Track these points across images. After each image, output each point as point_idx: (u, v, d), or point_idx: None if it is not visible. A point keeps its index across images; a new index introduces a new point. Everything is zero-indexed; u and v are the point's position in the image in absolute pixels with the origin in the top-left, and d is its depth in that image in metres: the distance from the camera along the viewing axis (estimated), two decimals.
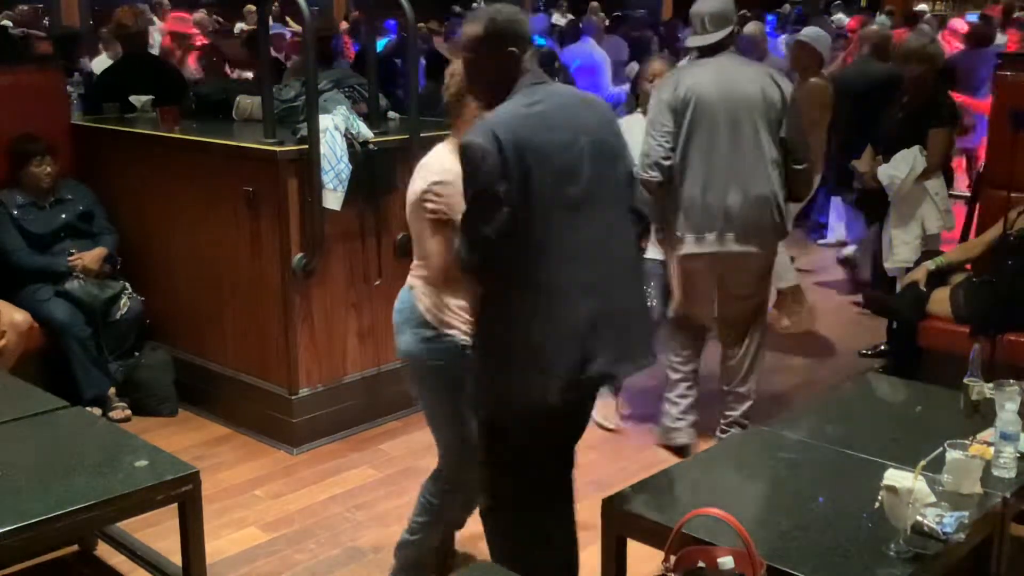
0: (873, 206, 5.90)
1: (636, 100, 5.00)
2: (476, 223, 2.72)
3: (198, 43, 9.59)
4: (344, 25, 12.07)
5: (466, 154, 2.68)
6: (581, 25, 10.53)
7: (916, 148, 5.32)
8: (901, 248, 5.40)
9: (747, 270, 4.42)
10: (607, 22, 12.32)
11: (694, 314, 4.53)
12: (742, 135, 4.20)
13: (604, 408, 4.77)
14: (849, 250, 7.38)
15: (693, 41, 4.43)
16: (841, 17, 13.42)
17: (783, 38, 10.99)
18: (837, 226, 7.94)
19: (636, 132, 4.27)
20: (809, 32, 6.37)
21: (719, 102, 4.19)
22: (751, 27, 7.42)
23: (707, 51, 4.36)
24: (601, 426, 4.75)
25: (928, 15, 13.67)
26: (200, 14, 11.53)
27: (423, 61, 7.56)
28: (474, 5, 11.11)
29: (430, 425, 3.24)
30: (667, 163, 4.21)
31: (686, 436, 4.56)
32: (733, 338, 4.57)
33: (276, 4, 10.73)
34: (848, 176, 6.23)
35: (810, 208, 7.94)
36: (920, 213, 5.37)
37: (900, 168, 5.32)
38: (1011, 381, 3.07)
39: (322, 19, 6.93)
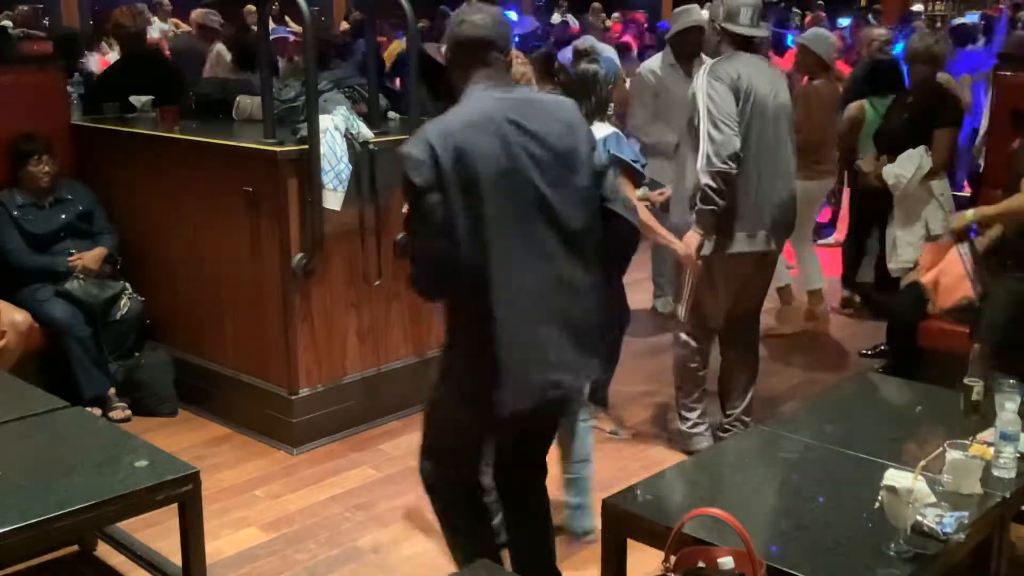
0: (870, 207, 5.92)
1: None
2: (416, 237, 2.69)
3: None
4: (344, 26, 12.08)
5: (403, 166, 2.63)
6: (580, 25, 10.54)
7: (922, 148, 5.31)
8: (905, 249, 5.39)
9: (771, 268, 4.50)
10: (607, 22, 12.33)
11: (714, 315, 4.43)
12: (780, 133, 4.25)
13: (608, 419, 4.78)
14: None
15: (748, 31, 4.25)
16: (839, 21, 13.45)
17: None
18: (840, 227, 7.98)
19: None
20: (809, 35, 6.37)
21: (768, 98, 4.19)
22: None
23: (748, 45, 4.30)
24: (614, 433, 4.76)
25: (923, 15, 13.66)
26: (202, 11, 11.51)
27: None
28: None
29: None
30: (740, 155, 4.11)
31: (706, 440, 4.53)
32: (735, 337, 4.57)
33: (276, 4, 10.79)
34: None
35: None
36: (924, 214, 5.37)
37: (906, 168, 5.32)
38: (1011, 380, 3.07)
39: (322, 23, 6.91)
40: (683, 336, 4.48)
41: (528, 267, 2.67)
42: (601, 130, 3.91)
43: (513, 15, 10.03)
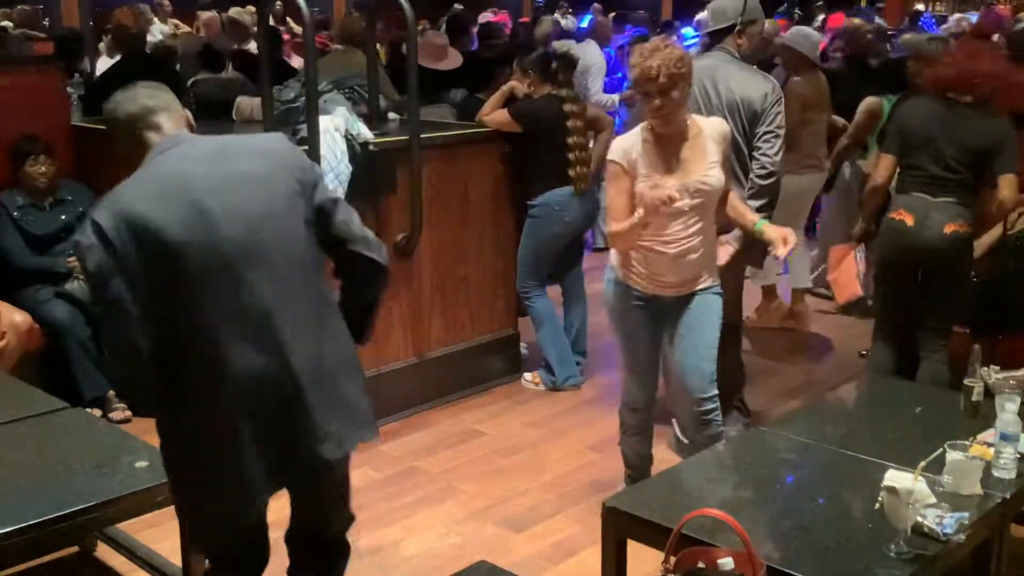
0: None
1: None
2: (109, 335, 2.41)
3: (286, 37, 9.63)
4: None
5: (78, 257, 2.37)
6: (584, 27, 10.52)
7: None
8: None
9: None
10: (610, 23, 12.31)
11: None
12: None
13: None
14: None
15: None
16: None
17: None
18: None
19: None
20: (791, 34, 6.39)
21: (702, 102, 4.20)
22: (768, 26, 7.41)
23: (705, 46, 4.41)
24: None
25: (927, 14, 13.67)
26: (210, 14, 11.52)
27: None
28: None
29: None
30: None
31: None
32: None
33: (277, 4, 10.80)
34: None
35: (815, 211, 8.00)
36: None
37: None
38: (1011, 381, 3.08)
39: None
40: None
41: (240, 333, 2.37)
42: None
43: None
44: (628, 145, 3.51)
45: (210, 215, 2.35)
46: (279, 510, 2.72)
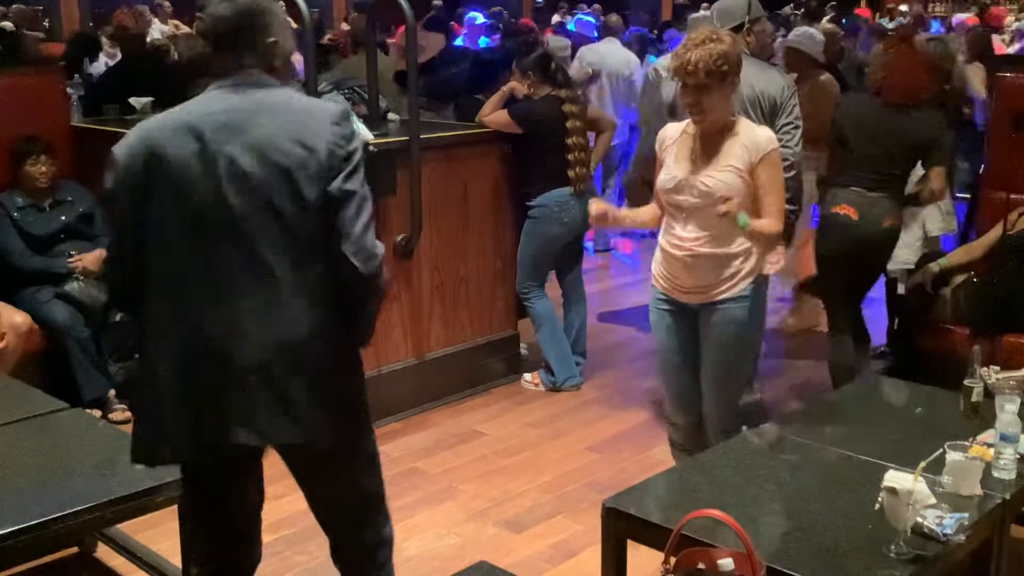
0: None
1: None
2: (111, 243, 2.57)
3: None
4: (345, 27, 12.07)
5: None
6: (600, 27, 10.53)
7: None
8: (902, 250, 5.38)
9: None
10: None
11: None
12: None
13: None
14: None
15: None
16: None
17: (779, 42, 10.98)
18: None
19: None
20: (794, 36, 6.38)
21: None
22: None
23: None
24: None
25: (906, 11, 13.67)
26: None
27: None
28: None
29: None
30: None
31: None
32: None
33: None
34: None
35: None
36: (922, 215, 5.36)
37: None
38: (1011, 381, 3.07)
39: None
40: None
41: (198, 292, 2.36)
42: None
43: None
44: (670, 134, 3.52)
45: (215, 170, 2.33)
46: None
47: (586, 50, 8.72)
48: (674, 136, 3.50)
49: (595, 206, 3.47)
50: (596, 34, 10.45)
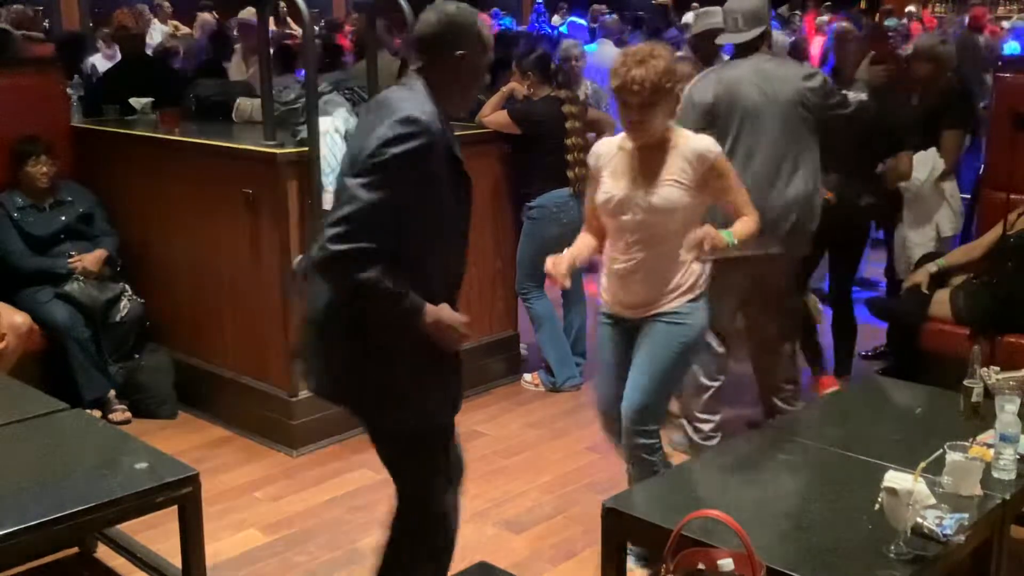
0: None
1: None
2: None
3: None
4: (348, 28, 12.07)
5: None
6: (596, 26, 10.54)
7: (933, 150, 5.30)
8: (915, 250, 5.38)
9: (781, 270, 4.40)
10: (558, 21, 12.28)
11: (725, 320, 4.35)
12: (778, 135, 4.20)
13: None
14: None
15: (725, 39, 4.41)
16: (823, 20, 13.44)
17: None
18: None
19: None
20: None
21: (760, 101, 4.19)
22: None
23: (741, 50, 4.34)
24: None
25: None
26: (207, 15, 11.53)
27: None
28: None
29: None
30: None
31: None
32: (755, 339, 4.59)
33: (279, 4, 10.77)
34: None
35: None
36: (935, 215, 5.36)
37: (919, 170, 5.31)
38: (1011, 382, 3.07)
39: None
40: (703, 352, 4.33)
41: None
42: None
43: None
44: (604, 150, 3.42)
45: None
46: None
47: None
48: (610, 152, 3.39)
49: (552, 266, 3.30)
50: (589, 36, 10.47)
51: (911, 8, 14.81)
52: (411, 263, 2.61)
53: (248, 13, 8.64)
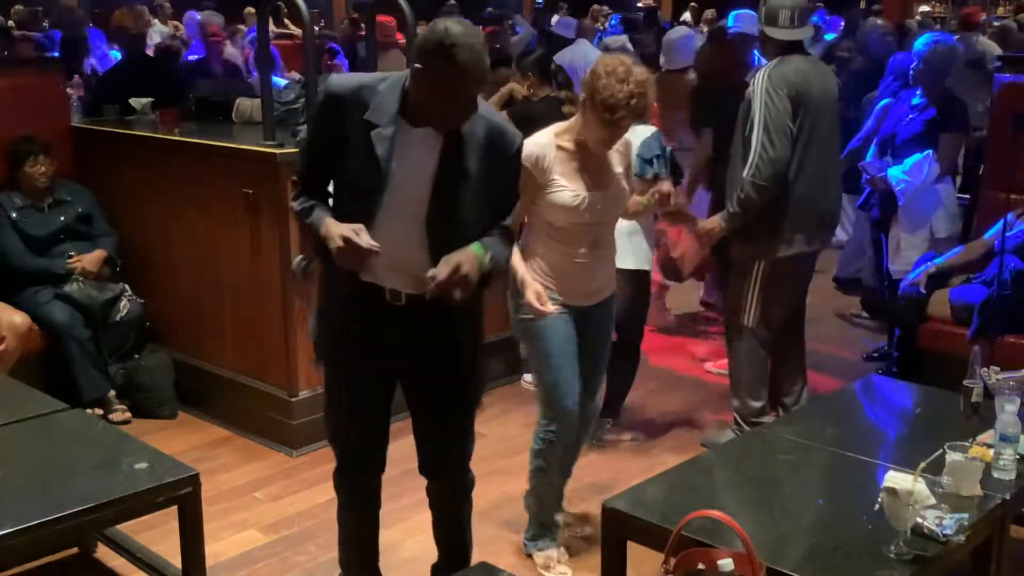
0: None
1: None
2: None
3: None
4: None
5: None
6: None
7: (930, 152, 5.30)
8: (910, 251, 5.38)
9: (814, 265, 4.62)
10: (597, 24, 12.31)
11: (780, 316, 4.47)
12: (833, 132, 4.38)
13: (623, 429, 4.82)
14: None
15: (788, 35, 4.30)
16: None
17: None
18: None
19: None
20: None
21: (822, 99, 4.27)
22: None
23: (795, 47, 4.34)
24: (634, 439, 4.79)
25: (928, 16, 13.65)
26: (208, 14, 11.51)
27: None
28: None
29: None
30: (787, 172, 4.20)
31: None
32: (786, 334, 4.63)
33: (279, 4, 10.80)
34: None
35: None
36: (930, 218, 5.36)
37: (914, 173, 5.31)
38: (1011, 382, 3.07)
39: None
40: (751, 340, 4.46)
41: None
42: (645, 130, 4.25)
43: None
44: (543, 151, 3.41)
45: None
46: None
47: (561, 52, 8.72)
48: (550, 153, 3.42)
49: (539, 301, 3.35)
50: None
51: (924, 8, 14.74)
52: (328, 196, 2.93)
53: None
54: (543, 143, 3.44)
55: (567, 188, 3.38)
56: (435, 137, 2.76)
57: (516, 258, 3.39)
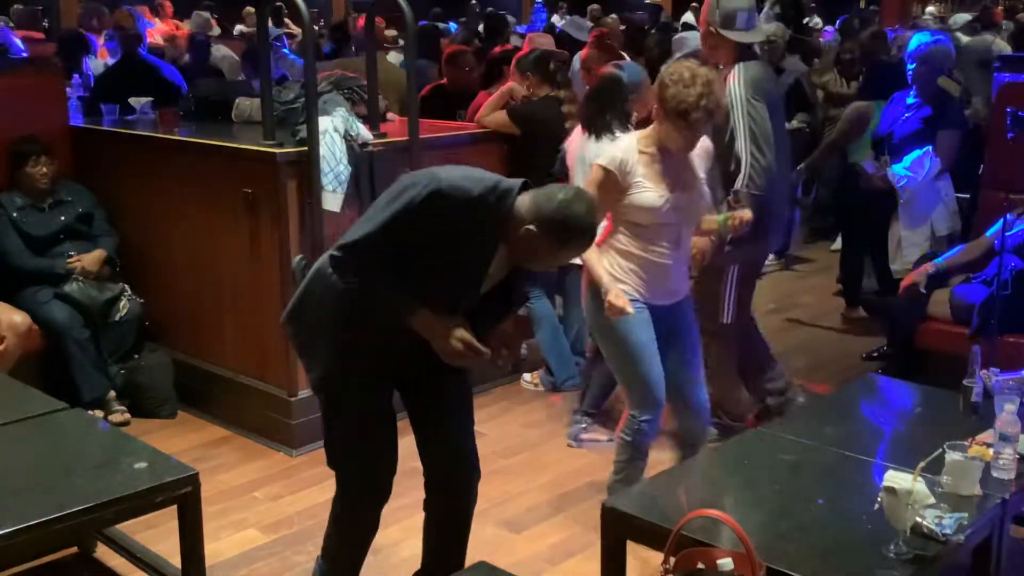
0: (868, 211, 5.89)
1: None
2: None
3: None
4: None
5: None
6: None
7: (929, 149, 5.30)
8: (910, 249, 5.38)
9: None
10: (588, 24, 12.33)
11: (748, 307, 4.64)
12: (786, 138, 4.49)
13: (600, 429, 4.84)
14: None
15: (745, 37, 4.30)
16: (817, 21, 13.49)
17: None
18: None
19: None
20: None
21: (779, 106, 4.35)
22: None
23: (749, 49, 4.37)
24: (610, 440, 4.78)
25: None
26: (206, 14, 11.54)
27: None
28: None
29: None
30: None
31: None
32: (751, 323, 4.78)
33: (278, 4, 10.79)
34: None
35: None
36: (931, 215, 5.36)
37: (915, 170, 5.31)
38: (1010, 382, 3.07)
39: None
40: (728, 337, 4.53)
41: None
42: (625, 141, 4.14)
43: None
44: (626, 156, 3.49)
45: None
46: None
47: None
48: (633, 158, 3.50)
49: (619, 300, 3.44)
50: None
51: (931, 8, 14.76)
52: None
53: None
54: (626, 148, 3.55)
55: (651, 189, 3.48)
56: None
57: (595, 260, 3.51)
